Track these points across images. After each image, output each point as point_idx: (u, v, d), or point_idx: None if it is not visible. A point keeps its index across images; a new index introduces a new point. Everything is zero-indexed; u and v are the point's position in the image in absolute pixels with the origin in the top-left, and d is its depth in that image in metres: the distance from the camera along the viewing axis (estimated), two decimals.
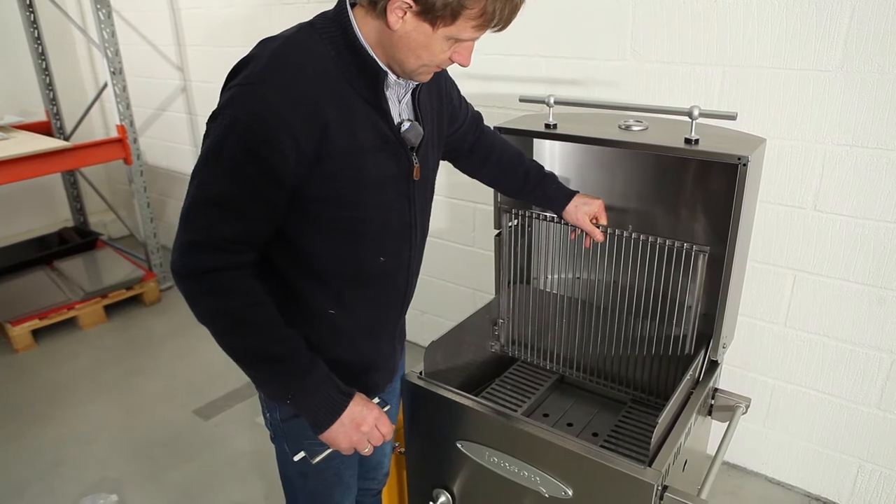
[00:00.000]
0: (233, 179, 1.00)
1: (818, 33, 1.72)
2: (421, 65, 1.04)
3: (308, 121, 1.00)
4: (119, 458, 2.45)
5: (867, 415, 1.98)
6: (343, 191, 1.07)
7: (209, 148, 1.01)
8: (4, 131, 3.49)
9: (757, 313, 2.08)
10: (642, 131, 1.46)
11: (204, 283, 1.04)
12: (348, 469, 1.37)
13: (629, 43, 2.03)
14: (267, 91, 0.98)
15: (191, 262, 1.03)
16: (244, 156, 0.99)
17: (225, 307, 1.05)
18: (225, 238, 1.03)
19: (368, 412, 1.14)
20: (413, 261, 1.26)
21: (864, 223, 1.81)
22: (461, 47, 1.04)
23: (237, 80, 1.01)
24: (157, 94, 3.95)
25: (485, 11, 0.97)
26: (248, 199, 1.02)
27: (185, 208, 1.04)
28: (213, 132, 1.01)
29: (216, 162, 1.00)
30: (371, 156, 1.08)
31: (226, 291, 1.05)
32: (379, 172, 1.10)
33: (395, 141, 1.11)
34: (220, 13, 3.29)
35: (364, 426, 1.13)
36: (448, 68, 1.17)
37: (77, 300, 3.40)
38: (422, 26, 0.99)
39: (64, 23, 4.00)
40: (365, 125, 1.07)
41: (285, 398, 1.10)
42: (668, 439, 1.25)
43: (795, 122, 1.83)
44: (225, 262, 1.04)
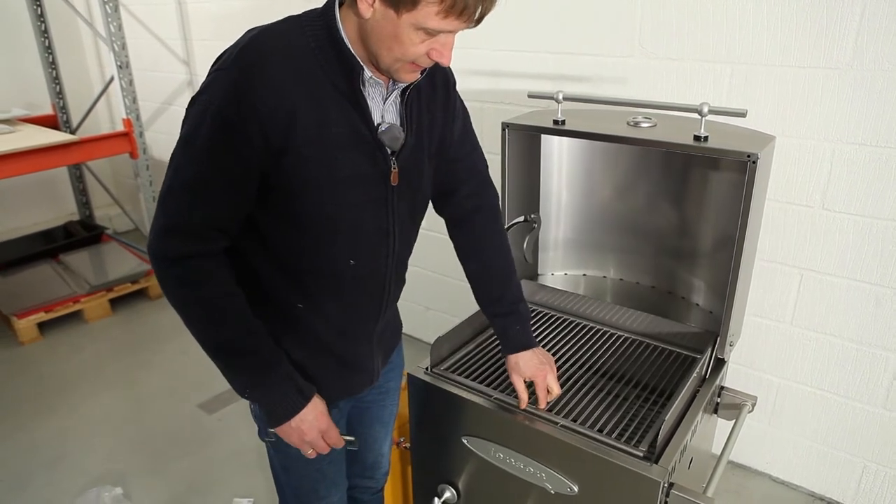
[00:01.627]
0: (205, 164, 1.01)
1: (828, 31, 1.71)
2: (395, 59, 1.01)
3: (275, 108, 0.99)
4: (123, 451, 2.46)
5: (873, 414, 1.97)
6: (312, 184, 1.05)
7: (186, 133, 1.02)
8: (11, 125, 3.49)
9: (763, 312, 2.07)
10: (651, 128, 1.45)
11: (176, 267, 1.05)
12: (331, 465, 1.35)
13: (637, 39, 2.02)
14: (238, 77, 0.98)
15: (165, 245, 1.04)
16: (216, 141, 0.99)
17: (195, 295, 1.06)
18: (198, 223, 1.04)
19: (317, 422, 1.16)
20: (390, 269, 1.20)
21: (872, 222, 1.80)
22: (438, 43, 1.01)
23: (214, 66, 1.02)
24: (163, 88, 3.95)
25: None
26: (220, 185, 1.02)
27: (163, 192, 1.04)
28: (189, 117, 1.02)
29: (191, 147, 1.01)
30: (344, 152, 1.06)
31: (197, 278, 1.06)
32: (352, 170, 1.07)
33: (371, 141, 1.08)
34: (226, 7, 3.29)
35: (308, 436, 1.15)
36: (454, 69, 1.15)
37: (82, 294, 3.41)
38: (388, 13, 0.97)
39: (71, 16, 4.00)
40: (339, 120, 1.04)
41: (243, 391, 1.13)
42: (674, 437, 1.25)
43: (804, 120, 1.82)
44: (197, 248, 1.05)
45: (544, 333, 1.69)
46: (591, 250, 1.84)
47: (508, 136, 1.58)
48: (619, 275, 1.83)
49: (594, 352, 1.61)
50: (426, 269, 2.97)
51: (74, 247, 3.91)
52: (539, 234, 1.80)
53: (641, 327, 1.66)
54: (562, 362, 1.57)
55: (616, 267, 1.82)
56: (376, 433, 1.52)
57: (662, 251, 1.73)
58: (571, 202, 1.81)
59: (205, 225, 1.04)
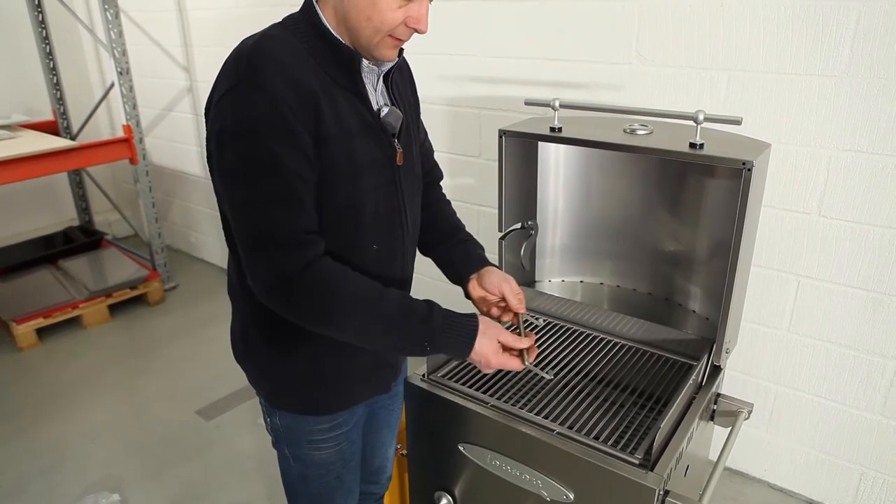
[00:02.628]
0: (277, 175, 1.00)
1: (824, 38, 1.72)
2: (374, 29, 1.03)
3: (304, 105, 1.01)
4: (121, 458, 2.46)
5: (870, 421, 1.97)
6: (338, 174, 1.07)
7: (238, 164, 1.00)
8: (11, 130, 3.50)
9: (760, 318, 2.07)
10: (647, 135, 1.45)
11: (301, 280, 1.02)
12: (350, 472, 1.37)
13: (634, 46, 2.03)
14: (265, 83, 0.99)
15: (282, 270, 1.01)
16: (275, 148, 0.99)
17: (333, 294, 1.04)
18: (297, 231, 1.02)
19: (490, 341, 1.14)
20: (407, 249, 1.26)
21: (868, 229, 1.81)
22: (412, 9, 1.03)
23: (227, 86, 1.01)
24: (163, 95, 3.96)
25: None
26: (298, 187, 1.02)
27: (247, 232, 1.02)
28: (230, 146, 1.00)
29: (254, 170, 1.00)
30: (358, 141, 1.09)
31: (328, 278, 1.04)
32: (368, 157, 1.11)
33: (376, 126, 1.12)
34: (226, 14, 3.31)
35: (494, 352, 1.13)
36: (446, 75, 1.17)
37: (81, 299, 3.42)
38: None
39: (72, 23, 4.02)
40: (348, 111, 1.07)
41: (423, 347, 1.10)
42: (670, 444, 1.25)
43: (800, 127, 1.83)
44: (310, 255, 1.03)
45: (541, 340, 1.69)
46: (588, 257, 1.84)
47: (506, 143, 1.58)
48: (615, 281, 1.83)
49: (591, 359, 1.61)
50: (425, 276, 2.97)
51: (74, 252, 3.91)
52: (536, 240, 1.81)
53: (638, 334, 1.66)
54: (559, 369, 1.57)
55: (613, 274, 1.83)
56: (384, 437, 1.53)
57: (659, 258, 1.74)
58: (568, 209, 1.81)
59: (305, 230, 1.03)
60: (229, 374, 2.92)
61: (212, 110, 1.04)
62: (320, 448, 1.29)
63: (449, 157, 2.64)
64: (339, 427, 1.29)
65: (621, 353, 1.63)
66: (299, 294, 1.03)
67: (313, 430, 1.27)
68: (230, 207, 1.03)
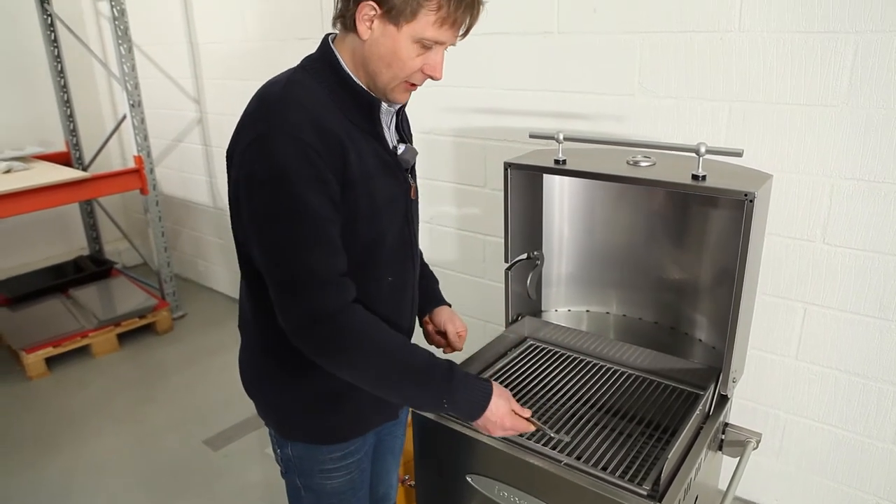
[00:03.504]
0: (311, 220, 1.03)
1: (823, 69, 1.75)
2: (392, 75, 1.08)
3: (331, 151, 1.05)
4: (128, 488, 2.45)
5: (882, 450, 1.96)
6: (361, 213, 1.12)
7: (272, 209, 1.03)
8: (25, 161, 3.57)
9: (768, 346, 2.07)
10: (650, 167, 1.48)
11: (338, 324, 1.05)
12: (361, 501, 1.38)
13: (637, 79, 2.07)
14: (294, 131, 1.02)
15: (320, 310, 1.04)
16: (308, 195, 1.02)
17: (368, 337, 1.08)
18: (331, 272, 1.06)
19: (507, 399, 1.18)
20: (414, 278, 1.32)
21: (873, 256, 1.82)
22: (430, 58, 1.08)
23: (255, 133, 1.04)
24: (173, 126, 4.03)
25: (441, 5, 1.02)
26: (331, 231, 1.06)
27: (284, 275, 1.04)
28: (262, 193, 1.03)
29: (288, 215, 1.03)
30: (378, 181, 1.14)
31: (361, 324, 1.08)
32: (387, 195, 1.16)
33: (393, 164, 1.18)
34: (236, 47, 3.38)
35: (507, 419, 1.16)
36: None
37: (91, 328, 3.44)
38: (388, 29, 1.04)
39: (86, 57, 4.11)
40: (368, 153, 1.12)
41: (441, 403, 1.12)
42: (678, 475, 1.25)
43: (802, 157, 1.85)
44: (347, 297, 1.07)
45: (548, 370, 1.70)
46: (594, 287, 1.85)
47: (511, 176, 1.61)
48: (621, 311, 1.84)
49: (597, 388, 1.61)
50: None
51: (84, 281, 3.95)
52: (542, 270, 1.82)
53: (644, 363, 1.66)
54: (565, 399, 1.57)
55: (619, 303, 1.84)
56: (388, 465, 1.54)
57: (665, 287, 1.75)
58: (574, 239, 1.83)
59: (338, 272, 1.07)
60: (237, 403, 2.92)
61: (237, 156, 1.07)
62: (332, 477, 1.30)
63: (454, 186, 2.67)
64: (350, 455, 1.31)
65: (628, 383, 1.64)
66: (333, 335, 1.06)
67: (326, 458, 1.28)
68: (263, 251, 1.06)
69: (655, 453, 1.37)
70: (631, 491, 1.20)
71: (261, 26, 3.20)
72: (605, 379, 1.66)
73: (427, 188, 2.75)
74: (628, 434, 1.44)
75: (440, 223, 2.79)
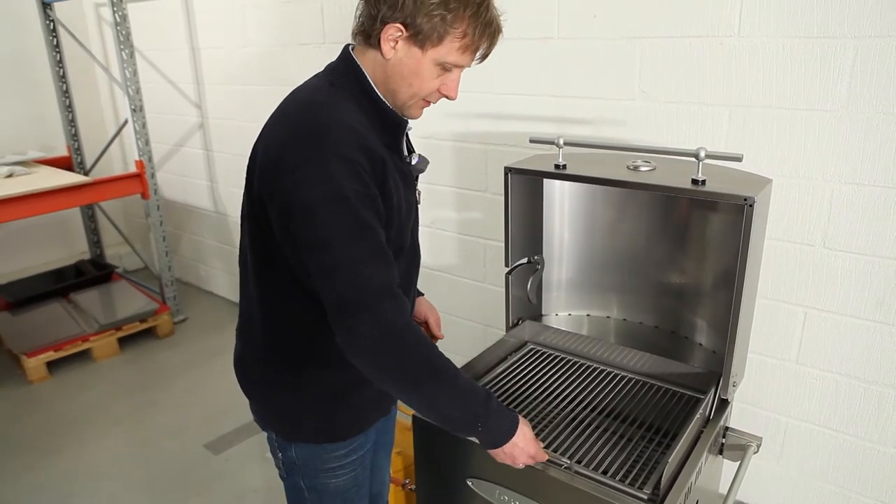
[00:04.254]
0: (371, 236, 1.05)
1: (823, 74, 1.75)
2: (412, 94, 1.13)
3: (375, 168, 1.09)
4: (129, 492, 2.45)
5: (884, 454, 1.95)
6: (394, 226, 1.17)
7: (333, 230, 1.03)
8: (27, 166, 3.58)
9: (768, 350, 2.07)
10: (650, 171, 1.48)
11: (403, 339, 1.07)
12: (361, 499, 1.40)
13: (637, 83, 2.07)
14: (346, 153, 1.04)
15: (392, 321, 1.05)
16: (365, 213, 1.05)
17: (427, 354, 1.10)
18: (394, 286, 1.08)
19: (530, 432, 1.22)
20: (416, 281, 1.38)
21: (873, 260, 1.82)
22: (448, 79, 1.13)
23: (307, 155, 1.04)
24: (175, 131, 4.04)
25: (466, 33, 1.07)
26: (385, 245, 1.08)
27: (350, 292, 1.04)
28: (321, 215, 1.03)
29: (350, 234, 1.04)
30: (403, 192, 1.19)
31: (420, 343, 1.09)
32: (407, 204, 1.21)
33: (409, 175, 1.23)
34: (237, 53, 3.39)
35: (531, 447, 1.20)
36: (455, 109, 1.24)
37: (92, 332, 3.44)
38: (412, 51, 1.08)
39: (88, 62, 4.13)
40: (392, 164, 1.16)
41: (476, 426, 1.14)
42: (678, 479, 1.25)
43: (802, 161, 1.85)
44: (407, 311, 1.11)
45: (549, 374, 1.70)
46: (595, 291, 1.86)
47: (511, 180, 1.61)
48: (622, 315, 1.84)
49: (598, 392, 1.62)
50: None
51: (85, 285, 3.95)
52: (543, 275, 1.83)
53: (645, 368, 1.66)
54: (566, 403, 1.58)
55: (619, 307, 1.84)
56: (381, 461, 1.55)
57: (665, 291, 1.75)
58: (574, 243, 1.83)
59: (396, 282, 1.09)
60: (238, 407, 2.92)
61: (285, 177, 1.05)
62: (337, 475, 1.32)
63: (455, 191, 2.68)
64: (354, 452, 1.32)
65: (628, 387, 1.64)
66: (398, 351, 1.07)
67: (330, 457, 1.30)
68: (324, 271, 1.05)
69: (656, 457, 1.37)
70: (631, 495, 1.20)
71: (262, 32, 3.21)
72: (606, 383, 1.66)
73: (428, 192, 2.75)
74: (629, 438, 1.45)
75: (441, 227, 2.79)
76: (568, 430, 1.47)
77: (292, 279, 1.16)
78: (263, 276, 1.21)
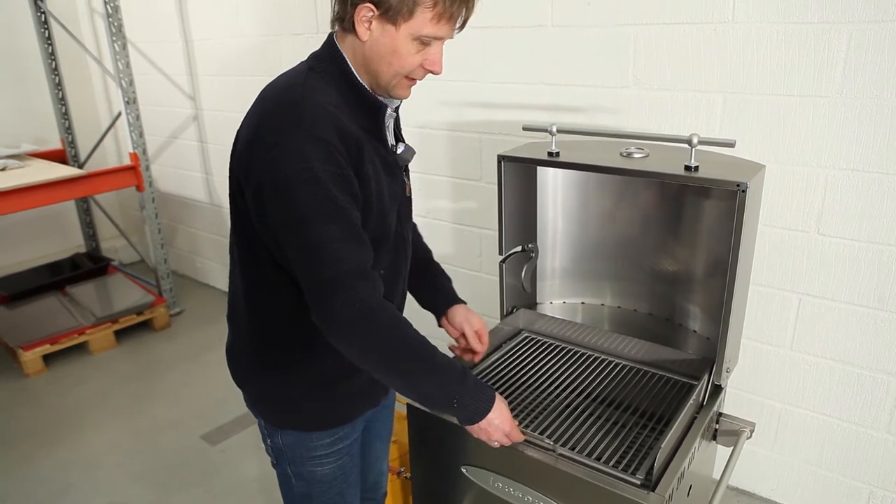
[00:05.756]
0: (344, 217, 1.06)
1: (817, 60, 1.75)
2: (394, 73, 1.12)
3: (350, 150, 1.08)
4: (126, 484, 2.46)
5: (876, 439, 1.97)
6: (373, 211, 1.15)
7: (305, 210, 1.04)
8: (20, 159, 3.56)
9: (763, 337, 2.08)
10: (643, 158, 1.48)
11: (376, 317, 1.08)
12: (351, 487, 1.40)
13: (631, 70, 2.07)
14: (321, 134, 1.04)
15: (364, 301, 1.07)
16: (340, 193, 1.05)
17: (404, 333, 1.11)
18: (367, 266, 1.08)
19: (506, 410, 1.22)
20: (405, 270, 1.36)
21: (867, 246, 1.82)
22: (430, 54, 1.12)
23: (281, 136, 1.05)
24: (169, 123, 4.03)
25: (436, 1, 1.05)
26: (358, 226, 1.09)
27: (324, 271, 1.06)
28: (293, 195, 1.04)
29: (322, 214, 1.04)
30: (384, 179, 1.18)
31: (393, 318, 1.10)
32: (390, 192, 1.20)
33: (393, 163, 1.22)
34: (231, 44, 3.37)
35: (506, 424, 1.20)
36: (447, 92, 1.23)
37: (88, 325, 3.44)
38: (386, 29, 1.07)
39: (80, 54, 4.10)
40: (372, 151, 1.15)
41: (451, 402, 1.15)
42: (671, 464, 1.25)
43: (797, 147, 1.85)
44: (379, 290, 1.10)
45: (543, 361, 1.70)
46: (589, 279, 1.86)
47: (505, 168, 1.61)
48: (616, 302, 1.84)
49: (592, 379, 1.62)
50: None
51: (81, 279, 3.94)
52: (537, 263, 1.82)
53: (639, 355, 1.67)
54: (560, 390, 1.58)
55: (613, 295, 1.84)
56: (377, 451, 1.55)
57: (659, 278, 1.75)
58: (568, 231, 1.83)
59: (369, 263, 1.09)
60: (234, 398, 2.93)
61: (259, 160, 1.07)
62: (323, 464, 1.32)
63: (450, 181, 2.67)
64: (340, 441, 1.33)
65: (622, 374, 1.64)
66: (373, 329, 1.08)
67: (316, 445, 1.30)
68: (298, 251, 1.07)
69: (649, 443, 1.38)
70: (625, 480, 1.21)
71: (255, 22, 3.19)
72: (600, 370, 1.66)
73: (423, 182, 2.75)
74: (622, 424, 1.45)
75: (436, 217, 2.79)
76: (562, 417, 1.47)
77: (274, 268, 1.17)
78: (247, 265, 1.22)
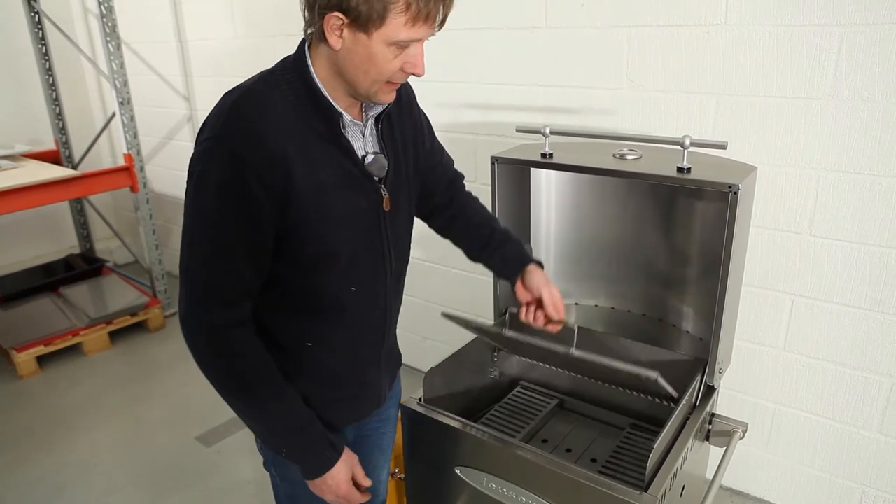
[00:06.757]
0: (219, 232, 1.03)
1: (808, 62, 1.76)
2: (372, 81, 1.04)
3: (271, 166, 1.02)
4: (121, 485, 2.45)
5: (869, 439, 1.98)
6: (312, 228, 1.09)
7: (192, 205, 1.04)
8: (14, 160, 3.55)
9: (756, 338, 2.09)
10: (636, 160, 1.49)
11: (212, 342, 1.07)
12: None
13: (625, 73, 2.07)
14: (232, 143, 1.01)
15: (199, 318, 1.06)
16: (225, 208, 1.02)
17: (234, 366, 1.09)
18: (226, 291, 1.06)
19: (347, 475, 1.21)
20: (390, 290, 1.26)
21: (859, 248, 1.83)
22: (409, 56, 1.04)
23: (203, 136, 1.04)
24: (163, 123, 4.02)
25: (409, 3, 0.97)
26: (238, 250, 1.05)
27: (184, 265, 1.06)
28: (191, 190, 1.04)
29: (201, 218, 1.04)
30: (336, 192, 1.10)
31: (233, 353, 1.09)
32: (345, 207, 1.12)
33: (360, 175, 1.13)
34: (225, 45, 3.37)
35: (342, 489, 1.20)
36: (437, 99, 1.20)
37: (82, 326, 3.43)
38: (358, 37, 1.00)
39: (74, 54, 4.09)
40: (326, 164, 1.08)
41: (280, 452, 1.17)
42: (664, 465, 1.26)
43: (789, 149, 1.86)
44: (230, 317, 1.07)
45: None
46: (583, 280, 1.86)
47: (498, 170, 1.61)
48: (609, 303, 1.85)
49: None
50: (424, 300, 3.00)
51: (75, 280, 3.93)
52: None
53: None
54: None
55: (607, 296, 1.85)
56: (376, 461, 1.54)
57: (652, 279, 1.76)
58: (561, 232, 1.84)
59: (234, 292, 1.07)
60: None
61: (194, 151, 1.07)
62: None
63: None
64: None
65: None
66: (206, 348, 1.08)
67: None
68: (182, 237, 1.07)
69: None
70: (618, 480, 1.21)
71: (250, 23, 3.19)
72: None
73: None
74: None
75: None
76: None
77: None
78: None
